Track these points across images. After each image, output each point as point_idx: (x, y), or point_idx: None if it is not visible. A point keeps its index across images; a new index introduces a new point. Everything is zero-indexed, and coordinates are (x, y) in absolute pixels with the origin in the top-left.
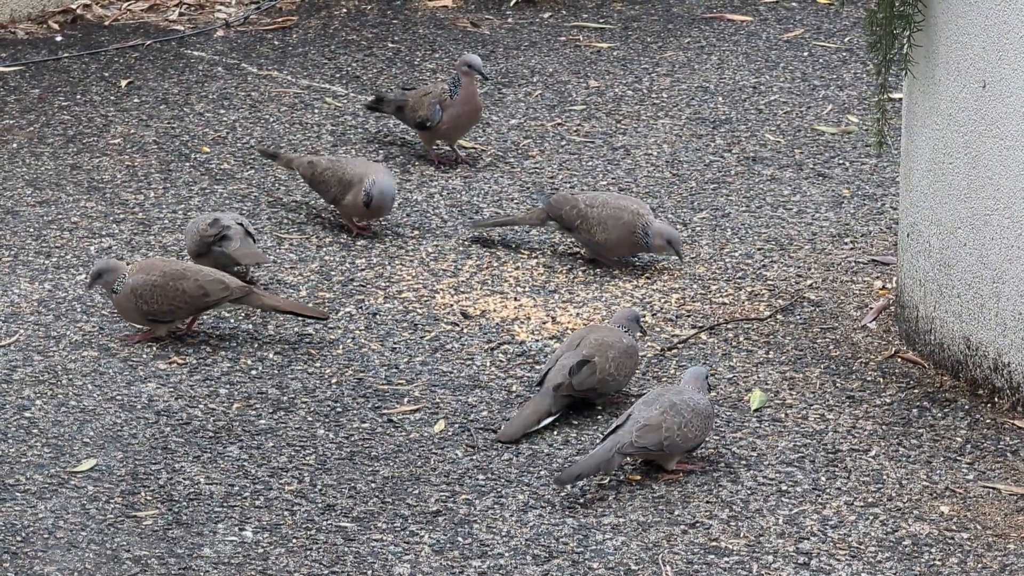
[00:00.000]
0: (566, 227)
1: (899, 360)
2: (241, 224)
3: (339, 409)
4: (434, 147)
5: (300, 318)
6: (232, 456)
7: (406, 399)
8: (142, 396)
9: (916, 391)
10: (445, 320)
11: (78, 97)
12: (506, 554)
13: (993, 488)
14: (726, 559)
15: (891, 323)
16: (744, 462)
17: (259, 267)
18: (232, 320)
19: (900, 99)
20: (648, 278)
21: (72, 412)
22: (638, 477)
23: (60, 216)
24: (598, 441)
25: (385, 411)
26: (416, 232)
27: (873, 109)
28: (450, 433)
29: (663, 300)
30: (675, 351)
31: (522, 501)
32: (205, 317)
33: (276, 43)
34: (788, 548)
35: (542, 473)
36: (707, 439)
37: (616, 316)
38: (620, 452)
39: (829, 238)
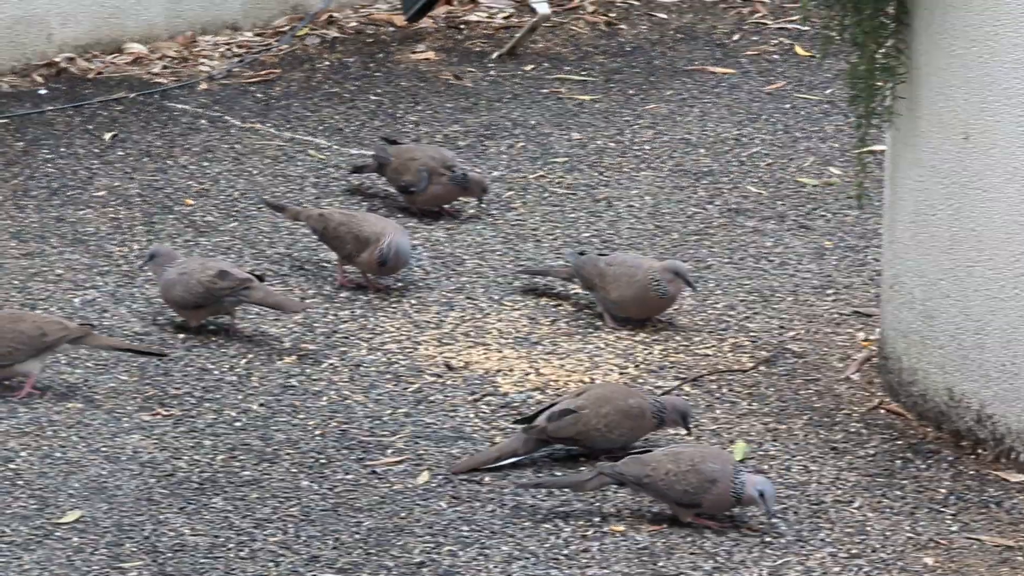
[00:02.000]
0: (587, 286)
1: (882, 411)
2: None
3: (323, 460)
4: (416, 204)
5: (142, 356)
6: (217, 507)
7: (390, 450)
8: (127, 448)
9: (899, 442)
10: (428, 372)
11: (62, 150)
12: None
13: (977, 539)
14: None
15: (874, 374)
16: (727, 513)
17: (297, 314)
18: (216, 372)
19: (882, 151)
20: (631, 330)
21: (57, 464)
22: (621, 528)
23: (44, 268)
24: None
25: (369, 462)
26: (399, 283)
27: (854, 162)
28: (434, 484)
29: (646, 351)
30: None
31: (506, 552)
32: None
33: (259, 96)
34: None
35: (526, 525)
36: (705, 501)
37: (667, 402)
38: (600, 475)
39: (811, 290)
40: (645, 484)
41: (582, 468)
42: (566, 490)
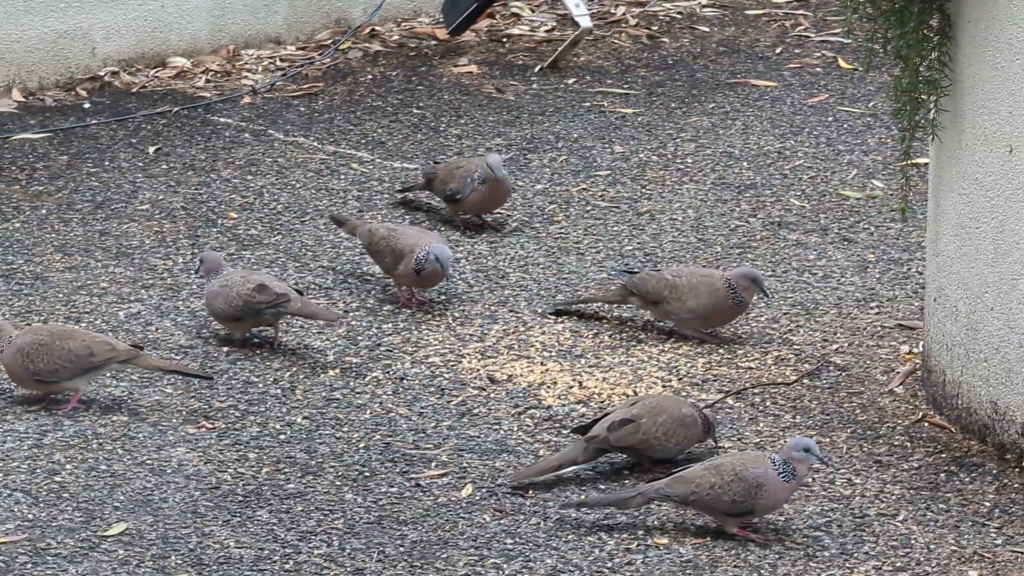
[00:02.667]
0: (653, 301)
1: (926, 424)
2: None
3: (367, 473)
4: (460, 214)
5: (188, 378)
6: (262, 520)
7: (434, 463)
8: (172, 460)
9: (943, 455)
10: (472, 385)
11: (106, 163)
12: None
13: (1021, 553)
14: None
15: (918, 387)
16: (772, 526)
17: (333, 325)
18: (260, 385)
19: (925, 164)
20: (675, 343)
21: (102, 476)
22: (665, 541)
23: (89, 282)
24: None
25: (413, 475)
26: (443, 297)
27: (898, 175)
28: (478, 497)
29: (689, 365)
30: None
31: (550, 565)
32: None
33: (302, 109)
34: None
35: (570, 538)
36: (757, 507)
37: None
38: (643, 495)
39: (855, 303)
40: (692, 502)
41: (625, 482)
42: (610, 508)
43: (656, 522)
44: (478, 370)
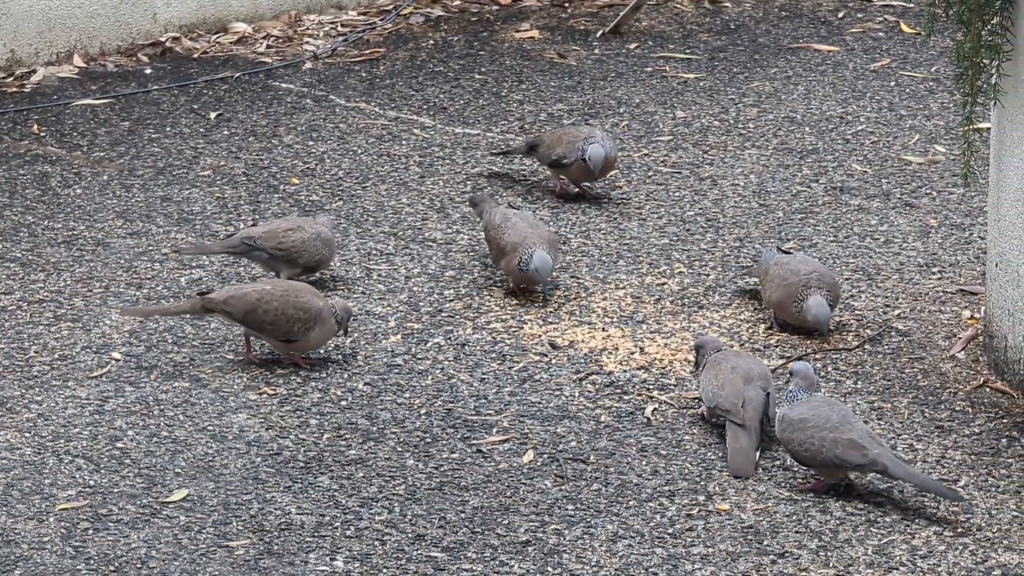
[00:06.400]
0: (761, 283)
1: (988, 390)
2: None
3: (428, 439)
4: (561, 180)
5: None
6: (323, 486)
7: (495, 429)
8: (233, 427)
9: (1005, 421)
10: (533, 351)
11: (167, 129)
12: None
13: None
14: None
15: (980, 353)
16: (833, 492)
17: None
18: (321, 351)
19: (987, 129)
20: (736, 308)
21: (164, 443)
22: (726, 507)
23: (151, 248)
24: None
25: (474, 441)
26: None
27: (960, 140)
28: (539, 463)
29: (751, 330)
30: None
31: (611, 531)
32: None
33: (364, 75)
34: None
35: (631, 503)
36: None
37: None
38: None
39: (917, 268)
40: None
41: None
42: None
43: (717, 488)
44: (539, 336)
